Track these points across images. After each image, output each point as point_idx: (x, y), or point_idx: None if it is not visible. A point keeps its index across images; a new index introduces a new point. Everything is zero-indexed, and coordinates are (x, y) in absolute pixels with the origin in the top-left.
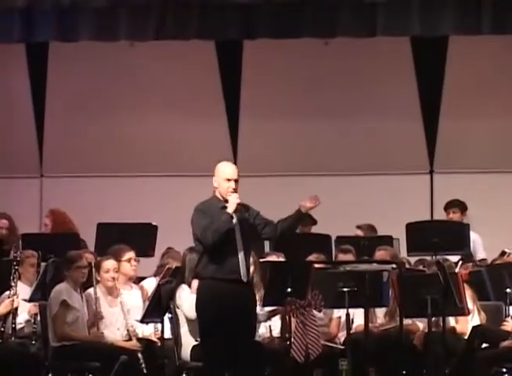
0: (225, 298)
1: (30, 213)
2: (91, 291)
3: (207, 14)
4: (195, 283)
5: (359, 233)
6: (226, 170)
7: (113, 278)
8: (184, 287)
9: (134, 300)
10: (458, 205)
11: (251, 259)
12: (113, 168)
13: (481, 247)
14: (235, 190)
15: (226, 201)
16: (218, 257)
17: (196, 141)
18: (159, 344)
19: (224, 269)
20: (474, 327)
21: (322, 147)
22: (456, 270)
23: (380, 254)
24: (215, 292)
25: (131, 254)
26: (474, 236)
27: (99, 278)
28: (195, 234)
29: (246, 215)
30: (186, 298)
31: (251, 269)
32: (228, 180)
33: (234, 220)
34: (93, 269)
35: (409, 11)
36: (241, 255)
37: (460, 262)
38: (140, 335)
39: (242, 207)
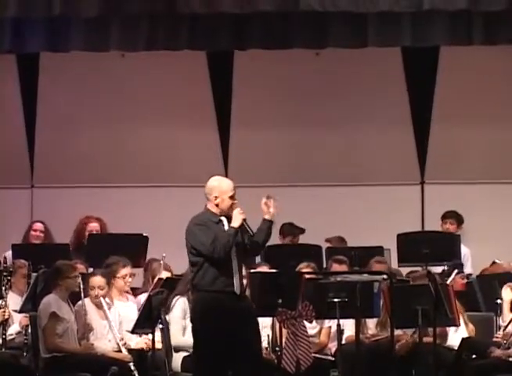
0: (222, 309)
1: (21, 223)
2: (81, 302)
3: (198, 25)
4: None
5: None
6: (231, 187)
7: (96, 296)
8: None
9: (129, 312)
10: (456, 217)
11: (244, 273)
12: (103, 179)
13: (470, 262)
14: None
15: (226, 217)
16: (214, 270)
17: (187, 151)
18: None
19: (219, 282)
20: (463, 339)
21: (314, 158)
22: (450, 279)
23: (379, 266)
24: (211, 304)
25: (126, 271)
26: (464, 250)
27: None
28: (193, 248)
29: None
30: None
31: (245, 282)
32: (232, 197)
33: None
34: (81, 281)
35: (400, 21)
36: (235, 269)
37: (456, 271)
38: (133, 346)
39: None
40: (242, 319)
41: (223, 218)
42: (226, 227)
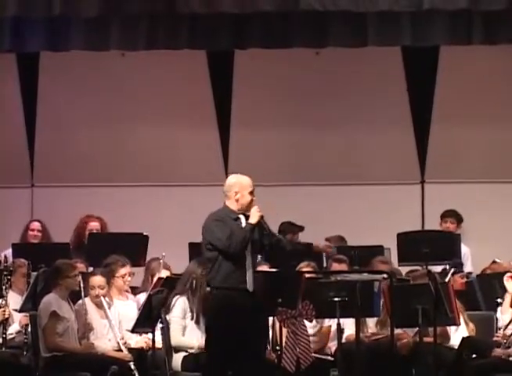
0: (234, 308)
1: (21, 223)
2: (81, 301)
3: (199, 24)
4: None
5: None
6: (250, 182)
7: (97, 295)
8: (185, 300)
9: (129, 311)
10: (456, 216)
11: None
12: (104, 178)
13: (470, 261)
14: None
15: (243, 214)
16: (229, 264)
17: (187, 151)
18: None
19: (232, 278)
20: (463, 338)
21: (314, 157)
22: (447, 278)
23: (382, 266)
24: (224, 302)
25: (125, 271)
26: (464, 250)
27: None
28: (209, 243)
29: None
30: None
31: None
32: (252, 193)
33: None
34: (82, 280)
35: (400, 21)
36: (249, 265)
37: (452, 270)
38: (133, 345)
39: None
40: (253, 317)
41: (241, 216)
42: (244, 225)
